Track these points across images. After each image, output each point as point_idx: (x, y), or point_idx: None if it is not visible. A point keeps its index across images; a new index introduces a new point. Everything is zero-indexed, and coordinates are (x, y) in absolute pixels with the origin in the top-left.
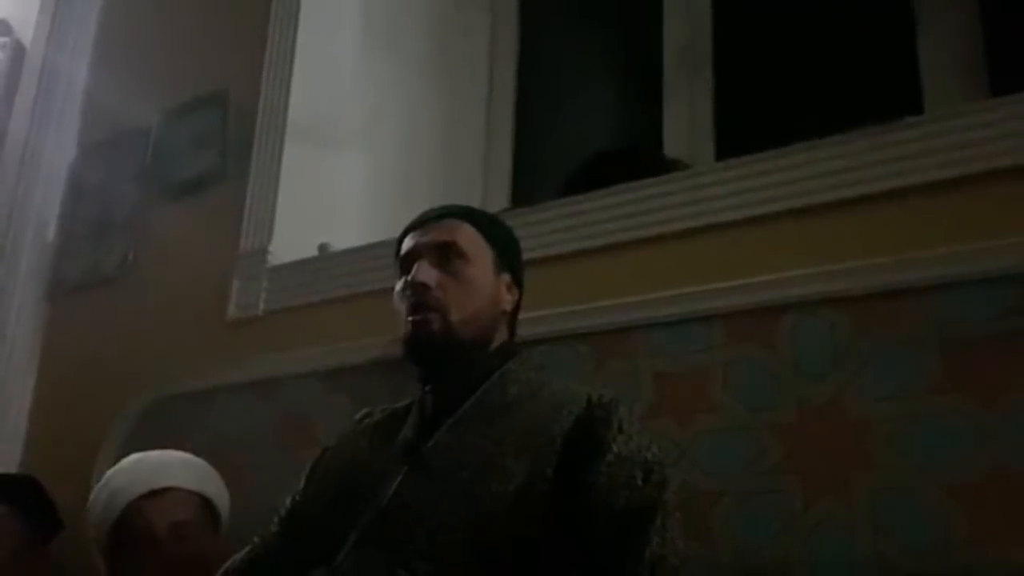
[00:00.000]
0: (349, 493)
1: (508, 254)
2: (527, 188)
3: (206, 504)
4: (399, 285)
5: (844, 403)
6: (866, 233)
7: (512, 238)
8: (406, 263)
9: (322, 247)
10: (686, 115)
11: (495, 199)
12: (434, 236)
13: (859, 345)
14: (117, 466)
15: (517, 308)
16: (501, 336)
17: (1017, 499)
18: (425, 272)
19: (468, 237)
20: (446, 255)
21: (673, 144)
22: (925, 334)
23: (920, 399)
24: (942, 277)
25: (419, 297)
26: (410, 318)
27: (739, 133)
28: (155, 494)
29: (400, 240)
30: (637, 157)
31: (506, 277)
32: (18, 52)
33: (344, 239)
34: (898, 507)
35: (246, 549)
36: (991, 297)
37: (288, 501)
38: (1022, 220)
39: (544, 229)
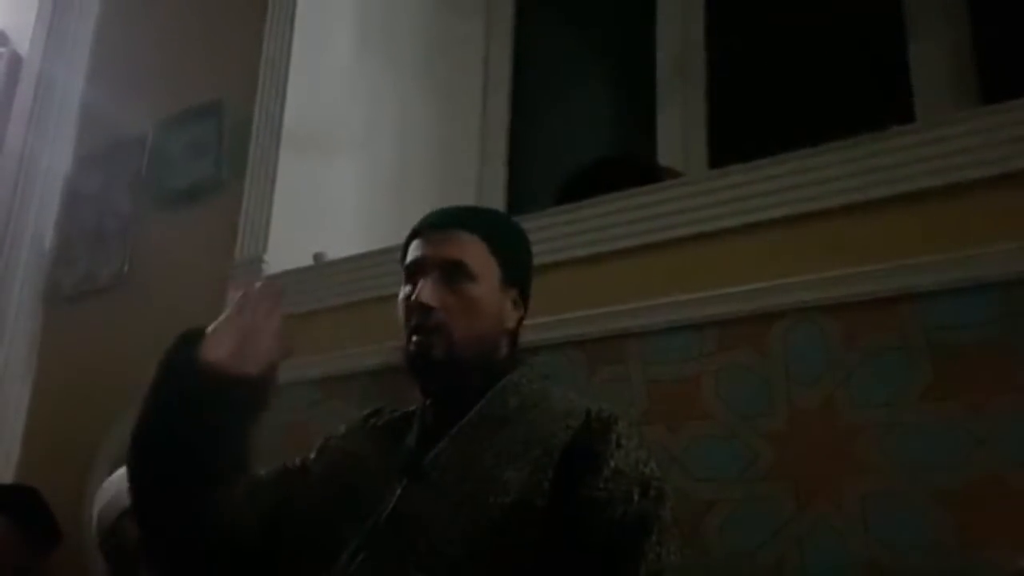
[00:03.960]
0: (351, 502)
1: (517, 269)
2: (522, 196)
3: None
4: (402, 294)
5: (835, 409)
6: (858, 240)
7: (521, 248)
8: (411, 273)
9: (317, 256)
10: (680, 124)
11: (489, 206)
12: (442, 251)
13: (850, 352)
14: (111, 477)
15: (521, 320)
16: (504, 350)
17: (1006, 504)
18: (429, 292)
19: (477, 254)
20: (453, 273)
21: (667, 152)
22: (916, 341)
23: (911, 405)
24: (933, 284)
25: (422, 319)
26: (414, 337)
27: (732, 141)
28: None
29: (408, 241)
30: (631, 165)
31: (513, 292)
32: (15, 62)
33: (339, 248)
34: (889, 512)
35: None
36: (981, 304)
37: (296, 460)
38: (1013, 227)
39: (539, 237)
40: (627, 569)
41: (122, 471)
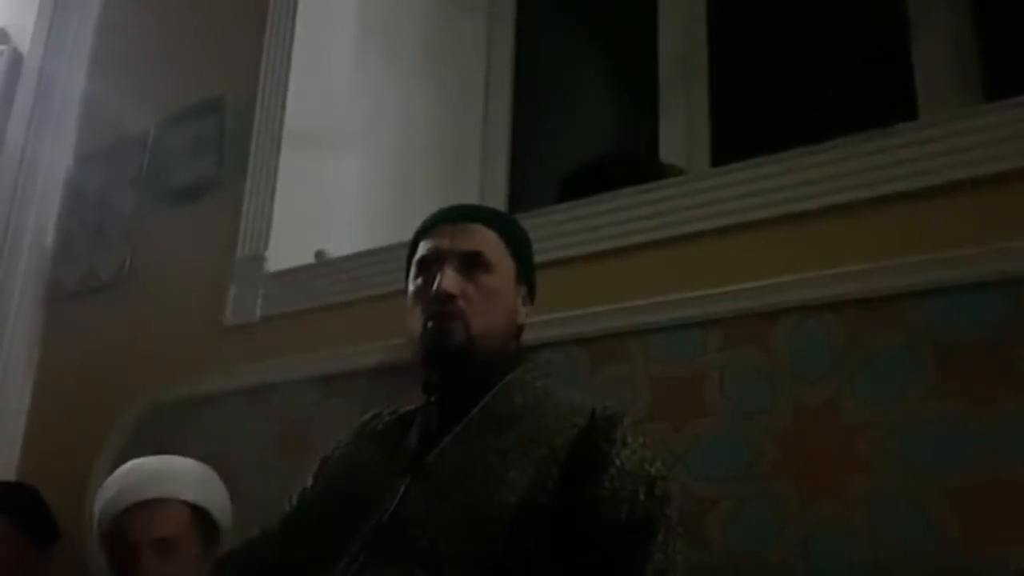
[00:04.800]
0: (354, 501)
1: (527, 264)
2: (523, 194)
3: (198, 514)
4: (414, 286)
5: (840, 407)
6: (861, 238)
7: (530, 246)
8: (426, 265)
9: (318, 253)
10: (682, 121)
11: (492, 204)
12: (460, 243)
13: (854, 349)
14: (113, 474)
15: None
16: (512, 348)
17: (1011, 502)
18: (450, 280)
19: (493, 246)
20: (471, 264)
21: (669, 150)
22: (920, 338)
23: (915, 403)
24: (937, 282)
25: (443, 306)
26: (431, 323)
27: (735, 139)
28: (142, 506)
29: (416, 238)
30: (633, 162)
31: (523, 289)
32: (16, 59)
33: (340, 245)
34: (894, 511)
35: (243, 539)
36: (986, 302)
37: (294, 497)
38: (1017, 224)
39: (540, 234)
40: (632, 569)
41: (124, 468)
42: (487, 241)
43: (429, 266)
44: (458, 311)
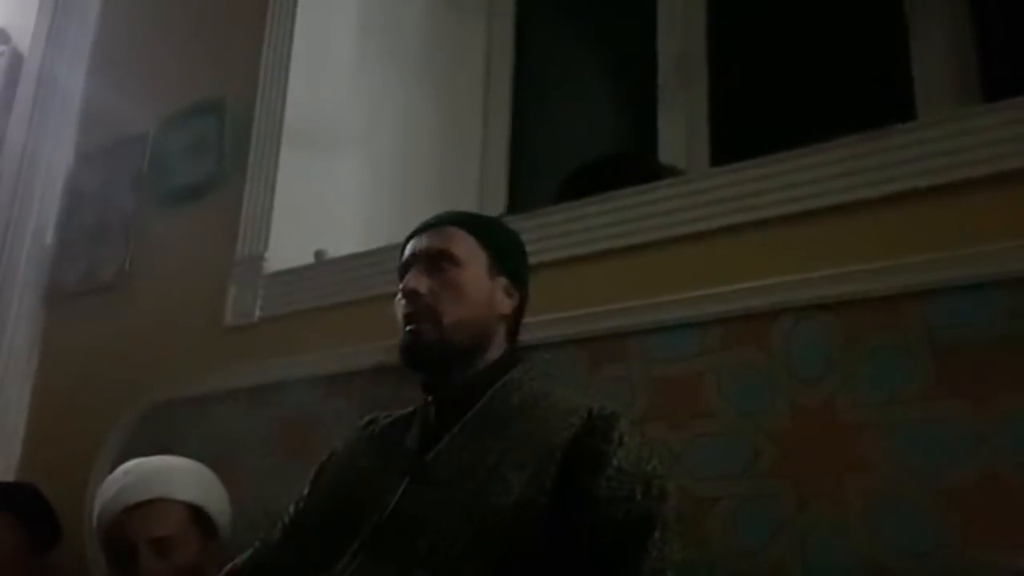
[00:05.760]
0: (352, 502)
1: (505, 257)
2: (523, 194)
3: (196, 513)
4: (398, 295)
5: (838, 407)
6: (859, 238)
7: (511, 241)
8: (403, 272)
9: (318, 254)
10: (681, 122)
11: (491, 205)
12: (429, 244)
13: (852, 350)
14: (112, 474)
15: (520, 313)
16: (500, 341)
17: (1009, 503)
18: (416, 279)
19: (461, 243)
20: (438, 262)
21: (668, 151)
22: (918, 339)
23: (913, 404)
24: (935, 282)
25: (411, 304)
26: (406, 327)
27: (734, 139)
28: (140, 507)
29: (402, 248)
30: (632, 163)
31: (503, 280)
32: (16, 60)
33: (340, 246)
34: (891, 511)
35: (247, 552)
36: (984, 302)
37: (292, 506)
38: (1015, 225)
39: (540, 235)
40: (630, 567)
41: (123, 468)
42: (454, 239)
43: (405, 272)
44: (426, 307)
